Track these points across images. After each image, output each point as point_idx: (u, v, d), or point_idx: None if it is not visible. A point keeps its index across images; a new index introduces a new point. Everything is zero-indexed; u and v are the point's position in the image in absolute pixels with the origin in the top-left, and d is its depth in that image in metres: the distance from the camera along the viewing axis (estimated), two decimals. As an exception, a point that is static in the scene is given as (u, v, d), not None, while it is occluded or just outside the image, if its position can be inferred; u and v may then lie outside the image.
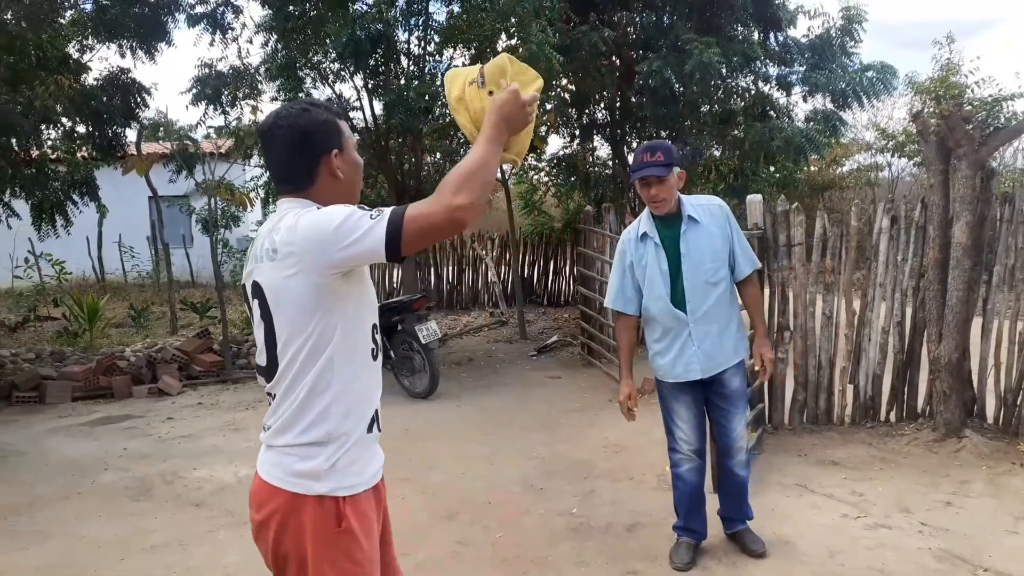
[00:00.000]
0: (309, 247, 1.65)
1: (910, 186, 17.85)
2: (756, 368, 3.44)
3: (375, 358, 1.87)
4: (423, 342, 7.12)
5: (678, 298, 3.38)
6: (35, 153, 8.89)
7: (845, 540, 3.71)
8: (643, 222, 3.48)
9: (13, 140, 8.04)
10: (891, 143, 16.61)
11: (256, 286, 1.77)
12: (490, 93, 1.80)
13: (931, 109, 12.53)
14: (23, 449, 5.95)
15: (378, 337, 1.89)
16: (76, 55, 8.98)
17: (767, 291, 5.28)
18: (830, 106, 9.81)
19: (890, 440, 5.17)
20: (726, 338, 3.41)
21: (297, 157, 1.80)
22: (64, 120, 8.92)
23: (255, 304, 1.79)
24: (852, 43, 9.66)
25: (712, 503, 3.72)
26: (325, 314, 1.71)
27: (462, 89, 1.87)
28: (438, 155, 9.79)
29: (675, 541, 3.62)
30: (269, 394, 1.82)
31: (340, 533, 1.74)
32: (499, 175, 10.70)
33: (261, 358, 1.81)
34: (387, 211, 1.62)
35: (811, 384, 5.51)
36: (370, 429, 1.86)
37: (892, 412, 5.49)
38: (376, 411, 1.90)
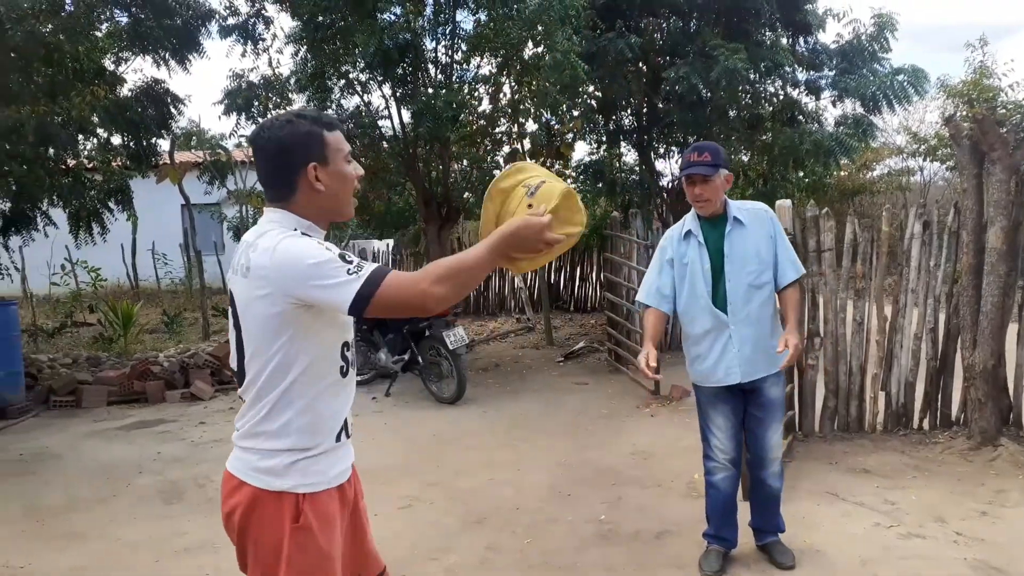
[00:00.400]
0: (279, 275, 1.68)
1: (943, 191, 17.61)
2: (778, 351, 3.29)
3: (345, 374, 1.89)
4: (450, 348, 7.15)
5: (719, 299, 3.36)
6: (72, 163, 9.09)
7: (877, 549, 3.66)
8: (688, 221, 3.47)
9: (51, 150, 8.23)
10: (923, 147, 16.41)
11: (231, 295, 1.83)
12: (529, 206, 1.80)
13: (964, 112, 12.36)
14: (60, 452, 6.07)
15: (349, 354, 1.90)
16: (111, 67, 9.18)
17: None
18: (860, 110, 9.72)
19: (923, 448, 5.10)
20: (767, 345, 3.36)
21: (277, 169, 1.81)
22: (100, 131, 9.11)
23: (231, 310, 1.84)
24: (883, 50, 9.56)
25: (744, 512, 3.68)
26: (289, 340, 1.74)
27: (513, 185, 1.87)
28: (465, 162, 9.85)
29: (705, 549, 3.60)
30: (240, 397, 1.88)
31: (296, 528, 1.78)
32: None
33: (234, 363, 1.87)
34: (366, 271, 1.64)
35: (842, 391, 5.45)
36: (338, 439, 1.89)
37: (925, 420, 5.42)
38: (345, 421, 1.92)
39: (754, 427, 3.48)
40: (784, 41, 9.40)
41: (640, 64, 9.80)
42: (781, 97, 10.03)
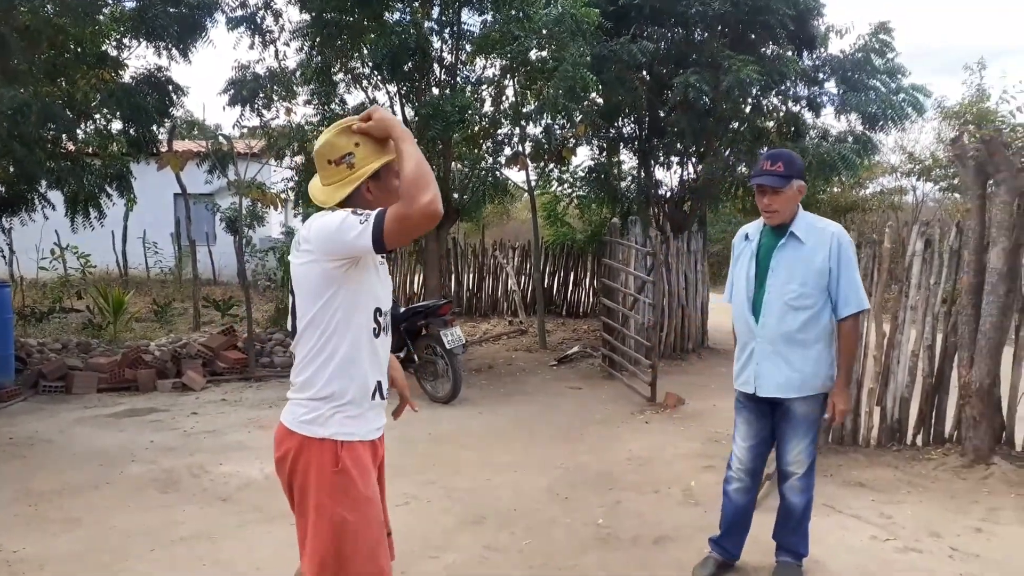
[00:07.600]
0: (318, 242, 2.06)
1: (934, 211, 17.78)
2: (826, 416, 3.35)
3: (377, 335, 2.22)
4: (447, 347, 7.14)
5: (756, 308, 3.35)
6: (71, 147, 9.01)
7: (877, 563, 3.69)
8: (754, 224, 3.47)
9: (51, 132, 8.15)
10: (918, 167, 16.57)
11: (291, 267, 2.21)
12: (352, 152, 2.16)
13: (969, 134, 12.47)
14: (51, 437, 6.01)
15: (382, 319, 2.23)
16: (113, 52, 9.11)
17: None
18: (860, 128, 9.80)
19: (917, 464, 5.14)
20: (794, 368, 3.28)
21: None
22: (101, 115, 9.03)
23: (290, 282, 2.23)
24: (886, 55, 9.59)
25: (767, 525, 3.63)
26: (330, 297, 2.10)
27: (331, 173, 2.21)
28: (465, 162, 9.84)
29: (705, 554, 3.61)
30: (293, 353, 2.24)
31: (337, 472, 2.11)
32: (524, 185, 10.74)
33: (290, 324, 2.25)
34: (373, 215, 1.97)
35: (838, 405, 5.48)
36: (373, 396, 2.22)
37: (919, 436, 5.46)
38: (379, 382, 2.24)
39: (778, 440, 3.46)
40: (789, 54, 9.46)
41: (644, 72, 9.84)
42: (783, 112, 10.09)
